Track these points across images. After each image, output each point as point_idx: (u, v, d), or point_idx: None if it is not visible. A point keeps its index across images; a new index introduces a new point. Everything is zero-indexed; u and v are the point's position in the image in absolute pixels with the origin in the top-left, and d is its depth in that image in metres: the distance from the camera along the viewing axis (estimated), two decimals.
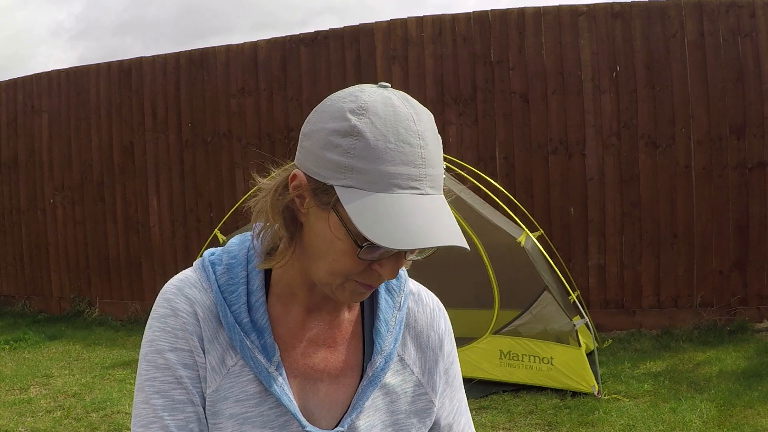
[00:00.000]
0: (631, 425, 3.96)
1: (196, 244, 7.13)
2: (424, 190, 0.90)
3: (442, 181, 0.94)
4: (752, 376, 4.59)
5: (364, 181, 0.88)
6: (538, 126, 6.29)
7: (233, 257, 1.02)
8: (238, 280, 1.00)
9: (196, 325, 0.98)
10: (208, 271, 1.02)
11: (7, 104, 8.24)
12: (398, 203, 0.87)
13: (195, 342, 0.97)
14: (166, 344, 0.97)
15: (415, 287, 1.14)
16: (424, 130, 0.91)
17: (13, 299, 8.28)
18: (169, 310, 1.00)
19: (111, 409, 4.59)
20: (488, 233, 4.77)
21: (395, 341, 1.05)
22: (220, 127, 7.26)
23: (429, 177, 0.90)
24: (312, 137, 0.92)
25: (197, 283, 1.02)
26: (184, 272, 1.05)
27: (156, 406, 0.96)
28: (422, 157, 0.90)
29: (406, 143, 0.89)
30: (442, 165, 0.95)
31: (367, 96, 0.92)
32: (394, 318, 1.06)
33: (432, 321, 1.11)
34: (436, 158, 0.92)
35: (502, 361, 4.64)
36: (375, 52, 6.71)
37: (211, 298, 0.99)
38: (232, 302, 0.99)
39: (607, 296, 6.21)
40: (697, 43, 5.93)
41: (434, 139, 0.93)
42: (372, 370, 1.03)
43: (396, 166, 0.88)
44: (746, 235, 5.91)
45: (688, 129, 5.99)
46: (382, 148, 0.88)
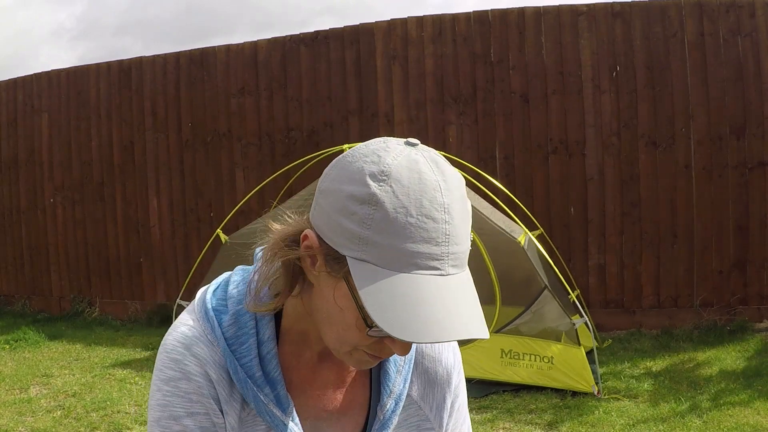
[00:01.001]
0: (631, 425, 3.96)
1: (196, 244, 7.13)
2: (446, 270, 0.82)
3: (467, 257, 0.86)
4: (752, 376, 4.59)
5: (379, 256, 0.81)
6: (538, 126, 6.29)
7: (239, 302, 0.95)
8: (248, 331, 0.94)
9: (211, 387, 0.92)
10: (213, 324, 0.94)
11: (7, 104, 8.24)
12: (415, 286, 0.80)
13: (212, 404, 0.92)
14: (181, 410, 0.92)
15: None
16: (451, 202, 0.83)
17: (13, 299, 8.28)
18: (180, 373, 0.92)
19: (111, 408, 4.59)
20: (488, 232, 4.77)
21: (405, 381, 1.02)
22: (220, 127, 7.26)
23: (452, 255, 0.83)
24: (328, 197, 0.85)
25: (203, 337, 0.94)
26: (186, 322, 0.96)
27: None
28: (446, 234, 0.82)
29: (430, 218, 0.81)
30: (469, 238, 0.87)
31: (391, 158, 0.83)
32: (403, 358, 1.03)
33: (440, 356, 1.08)
34: (462, 233, 0.84)
35: (503, 359, 4.64)
36: (375, 52, 6.71)
37: (219, 353, 0.93)
38: (242, 355, 0.93)
39: (607, 296, 6.21)
40: (697, 43, 5.93)
41: (462, 210, 0.85)
42: (383, 413, 1.00)
43: (416, 243, 0.81)
44: (746, 235, 5.91)
45: (688, 129, 5.99)
46: (402, 222, 0.81)
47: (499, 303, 4.73)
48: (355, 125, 6.75)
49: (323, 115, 6.88)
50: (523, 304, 4.67)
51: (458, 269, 0.84)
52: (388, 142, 0.87)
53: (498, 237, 4.75)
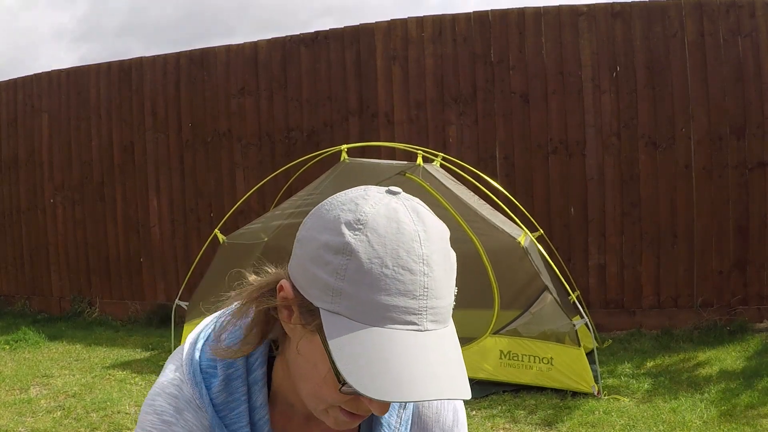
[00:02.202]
0: (631, 425, 3.96)
1: (196, 244, 7.13)
2: (423, 325, 0.78)
3: (449, 312, 0.82)
4: (752, 376, 4.59)
5: (352, 309, 0.77)
6: (538, 126, 6.29)
7: (229, 365, 0.90)
8: (239, 397, 0.89)
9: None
10: (202, 389, 0.89)
11: (7, 104, 8.24)
12: (388, 342, 0.76)
13: None
14: None
15: None
16: (431, 253, 0.80)
17: (13, 299, 8.28)
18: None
19: (111, 409, 4.59)
20: (488, 233, 4.77)
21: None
22: (220, 127, 7.26)
23: (431, 310, 0.79)
24: (304, 246, 0.82)
25: (192, 401, 0.90)
26: (174, 382, 0.91)
27: None
28: (424, 287, 0.78)
29: (407, 269, 0.77)
30: (453, 292, 0.83)
31: (369, 206, 0.80)
32: (399, 419, 0.98)
33: (438, 416, 1.02)
34: (443, 287, 0.81)
35: (502, 361, 4.63)
36: (375, 52, 6.71)
37: (207, 418, 0.89)
38: (233, 421, 0.89)
39: (607, 296, 6.21)
40: (697, 43, 5.93)
41: (443, 262, 0.81)
42: None
43: (391, 296, 0.77)
44: (746, 235, 5.91)
45: (688, 129, 5.99)
46: (377, 273, 0.77)
47: (498, 305, 4.73)
48: (355, 125, 6.75)
49: (323, 115, 6.88)
50: (523, 305, 4.67)
51: (438, 325, 0.79)
52: (368, 190, 0.83)
53: (498, 238, 4.75)
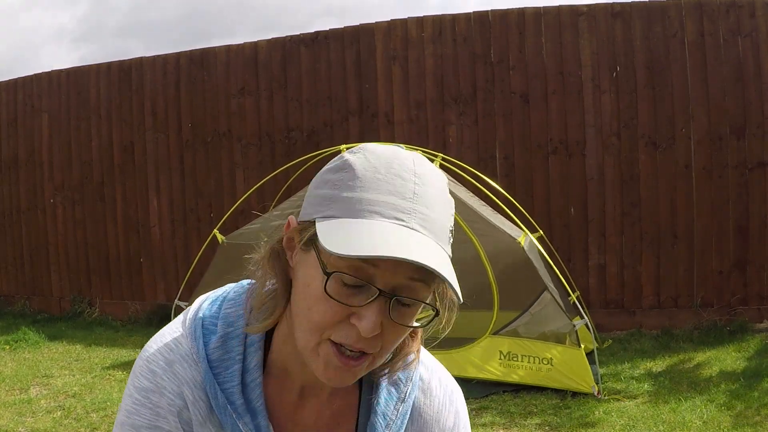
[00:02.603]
0: (631, 425, 3.96)
1: (196, 244, 7.12)
2: (411, 224, 0.79)
3: (444, 234, 0.83)
4: (752, 376, 4.59)
5: (344, 209, 0.80)
6: (538, 126, 6.29)
7: (230, 325, 0.91)
8: (234, 356, 0.90)
9: (184, 408, 0.89)
10: (199, 344, 0.90)
11: (7, 104, 8.24)
12: (372, 226, 0.78)
13: (177, 425, 0.88)
14: (145, 421, 0.89)
15: (428, 373, 1.02)
16: (424, 174, 0.83)
17: (13, 299, 8.28)
18: (154, 386, 0.89)
19: (111, 409, 4.59)
20: (487, 234, 4.77)
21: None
22: (220, 127, 7.26)
23: (419, 214, 0.80)
24: (311, 183, 0.88)
25: (188, 356, 0.90)
26: (173, 334, 0.93)
27: None
28: (414, 192, 0.81)
29: (398, 176, 0.81)
30: (447, 220, 0.84)
31: (372, 144, 0.87)
32: (396, 411, 0.97)
33: (438, 416, 1.01)
34: (434, 202, 0.82)
35: (502, 361, 4.63)
36: (375, 52, 6.71)
37: (201, 374, 0.90)
38: (225, 380, 0.89)
39: (607, 296, 6.21)
40: (697, 43, 5.92)
41: (438, 191, 0.83)
42: None
43: (381, 194, 0.80)
44: (746, 235, 5.91)
45: (688, 129, 5.99)
46: (370, 177, 0.81)
47: (498, 305, 4.73)
48: (355, 125, 6.75)
49: (323, 115, 6.87)
50: (523, 306, 4.66)
51: (428, 232, 0.80)
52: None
53: (498, 238, 4.75)
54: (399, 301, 0.82)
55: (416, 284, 0.82)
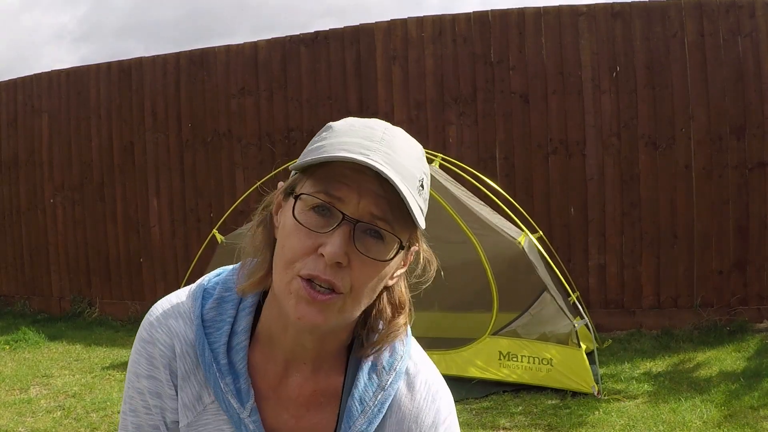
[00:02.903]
0: (631, 425, 3.96)
1: (196, 244, 7.12)
2: (373, 158, 0.84)
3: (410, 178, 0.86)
4: (752, 376, 4.59)
5: (319, 152, 0.87)
6: (538, 126, 6.29)
7: (227, 290, 0.98)
8: (225, 318, 0.95)
9: (172, 359, 0.95)
10: (197, 303, 0.97)
11: (7, 104, 8.24)
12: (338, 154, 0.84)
13: (167, 376, 0.95)
14: (142, 370, 0.96)
15: (415, 369, 1.02)
16: (394, 130, 0.90)
17: (13, 299, 8.28)
18: (149, 337, 0.97)
19: (111, 409, 4.59)
20: (487, 234, 4.77)
21: (369, 423, 0.96)
22: (220, 127, 7.26)
23: (385, 153, 0.85)
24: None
25: (185, 313, 0.97)
26: (180, 294, 1.00)
27: (129, 422, 0.98)
28: (382, 139, 0.87)
29: (369, 128, 0.89)
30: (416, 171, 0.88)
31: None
32: (374, 398, 0.97)
33: (418, 413, 0.99)
34: (401, 151, 0.87)
35: (501, 362, 4.63)
36: (375, 52, 6.71)
37: (193, 331, 0.96)
38: (214, 340, 0.94)
39: (607, 296, 6.21)
40: (697, 43, 5.93)
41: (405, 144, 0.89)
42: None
43: (350, 137, 0.87)
44: (746, 235, 5.91)
45: (688, 129, 5.99)
46: (345, 129, 0.89)
47: (497, 306, 4.73)
48: None
49: (323, 115, 6.87)
50: (523, 306, 4.66)
51: (391, 169, 0.84)
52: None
53: (497, 239, 4.75)
54: (364, 231, 0.85)
55: (380, 222, 0.86)
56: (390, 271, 0.90)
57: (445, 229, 4.78)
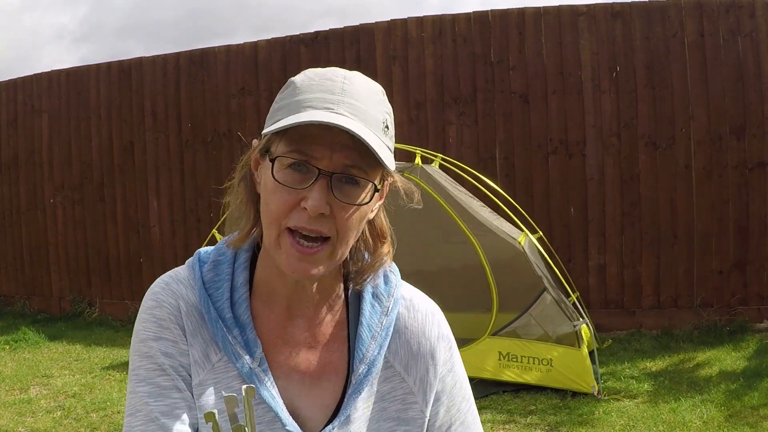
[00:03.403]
0: (631, 425, 3.96)
1: (196, 244, 7.12)
2: (339, 111, 0.89)
3: (375, 124, 0.91)
4: (752, 376, 4.59)
5: (286, 112, 0.90)
6: (538, 126, 6.29)
7: (221, 254, 1.03)
8: (223, 277, 1.00)
9: (179, 317, 0.98)
10: (195, 269, 1.02)
11: (7, 104, 8.24)
12: (306, 113, 0.88)
13: (179, 332, 0.98)
14: (150, 333, 0.98)
15: (409, 293, 1.09)
16: (354, 77, 0.93)
17: (13, 299, 8.28)
18: (155, 302, 1.00)
19: (111, 409, 4.59)
20: (487, 234, 4.77)
21: (380, 347, 1.01)
22: (220, 127, 7.26)
23: (347, 104, 0.89)
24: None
25: (185, 280, 1.02)
26: (176, 269, 1.06)
27: (141, 394, 0.96)
28: (343, 89, 0.91)
29: (329, 80, 0.92)
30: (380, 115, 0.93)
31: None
32: (380, 324, 1.02)
33: (423, 327, 1.06)
34: (363, 98, 0.91)
35: (501, 362, 4.63)
36: (375, 52, 6.71)
37: (196, 294, 1.00)
38: (216, 299, 0.99)
39: (607, 296, 6.20)
40: (697, 43, 5.92)
41: (366, 90, 0.93)
42: (355, 377, 0.99)
43: (312, 93, 0.90)
44: (746, 235, 5.91)
45: (688, 129, 5.99)
46: (306, 85, 0.92)
47: (497, 306, 4.73)
48: None
49: None
50: (522, 306, 4.66)
51: (355, 118, 0.89)
52: None
53: (497, 239, 4.75)
54: (339, 180, 0.90)
55: (353, 170, 0.91)
56: (369, 208, 0.96)
57: (445, 230, 4.78)
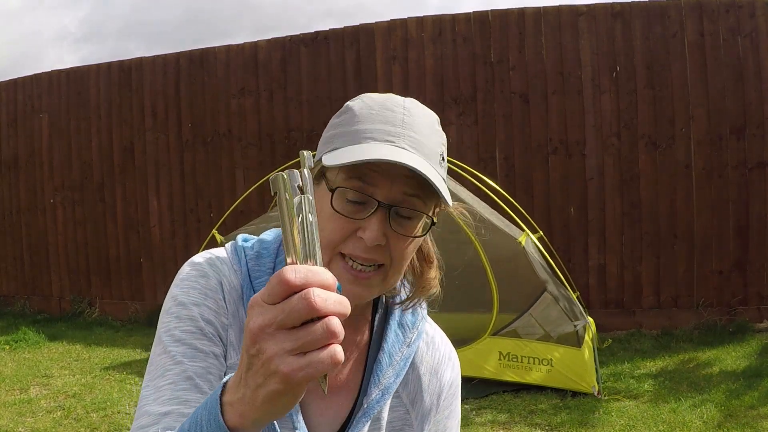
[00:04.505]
0: (631, 425, 3.96)
1: (196, 244, 7.12)
2: (401, 144, 0.89)
3: (433, 156, 0.92)
4: (752, 376, 4.59)
5: (345, 140, 0.91)
6: (538, 126, 6.29)
7: (265, 247, 1.03)
8: (265, 270, 1.00)
9: (222, 292, 0.97)
10: (240, 255, 1.01)
11: (7, 104, 8.24)
12: (368, 145, 0.89)
13: (222, 304, 0.96)
14: (193, 299, 0.95)
15: (432, 330, 1.11)
16: (413, 107, 0.94)
17: (13, 299, 8.28)
18: (199, 272, 0.98)
19: (111, 409, 4.59)
20: (487, 234, 4.76)
21: (396, 376, 1.03)
22: (220, 127, 7.26)
23: (408, 137, 0.90)
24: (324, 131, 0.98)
25: (228, 262, 1.01)
26: (214, 250, 1.04)
27: (174, 353, 0.91)
28: (403, 122, 0.92)
29: (389, 110, 0.93)
30: (437, 147, 0.94)
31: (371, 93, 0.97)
32: (400, 353, 1.04)
33: (438, 366, 1.09)
34: (423, 129, 0.92)
35: (501, 362, 4.63)
36: (375, 52, 6.71)
37: (238, 279, 0.99)
38: (257, 287, 0.99)
39: (607, 296, 6.20)
40: (697, 43, 5.92)
41: (426, 120, 0.94)
42: (367, 401, 1.00)
43: (374, 124, 0.91)
44: (746, 235, 5.91)
45: (688, 129, 5.99)
46: (366, 114, 0.93)
47: (497, 306, 4.73)
48: None
49: (323, 116, 6.87)
50: (523, 306, 4.66)
51: (416, 151, 0.90)
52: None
53: (498, 238, 4.74)
54: (398, 212, 0.91)
55: (412, 199, 0.92)
56: (423, 239, 0.99)
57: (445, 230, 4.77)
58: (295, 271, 0.61)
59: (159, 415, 0.86)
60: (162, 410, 0.87)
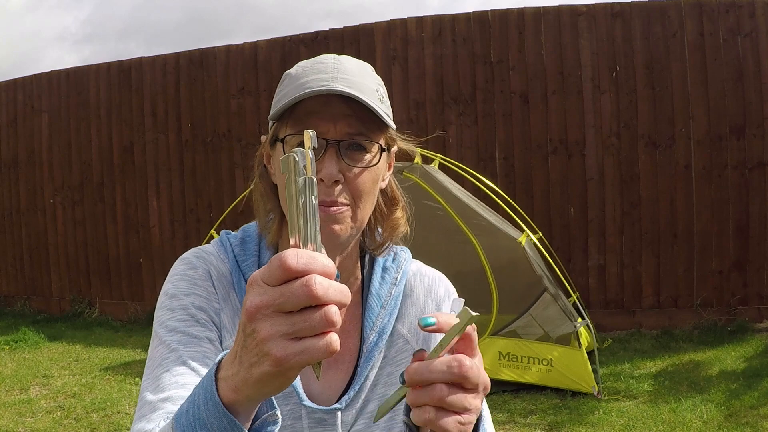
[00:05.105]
0: (631, 425, 3.96)
1: (196, 244, 7.08)
2: (334, 85, 0.92)
3: (370, 93, 0.96)
4: (752, 376, 4.59)
5: (285, 98, 0.95)
6: (538, 126, 6.29)
7: (247, 235, 1.08)
8: (250, 253, 1.05)
9: (212, 280, 1.02)
10: (225, 244, 1.06)
11: (7, 104, 8.24)
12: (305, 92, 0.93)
13: (212, 290, 1.01)
14: (183, 290, 1.01)
15: (416, 266, 1.14)
16: (343, 57, 0.99)
17: (13, 299, 8.28)
18: (187, 265, 1.04)
19: (111, 409, 4.59)
20: (487, 234, 4.77)
21: (389, 315, 1.06)
22: (220, 127, 7.26)
23: (342, 79, 0.94)
24: None
25: (214, 253, 1.05)
26: (200, 247, 1.09)
27: (170, 341, 0.95)
28: (335, 68, 0.96)
29: (320, 63, 0.98)
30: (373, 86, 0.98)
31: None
32: (388, 293, 1.07)
33: (430, 288, 1.12)
34: (355, 72, 0.97)
35: (501, 362, 4.63)
36: (375, 52, 6.71)
37: (226, 266, 1.04)
38: (246, 270, 1.03)
39: (607, 296, 6.20)
40: (697, 43, 5.92)
41: (357, 65, 0.99)
42: (366, 346, 1.03)
43: (308, 76, 0.96)
44: (746, 235, 5.91)
45: (688, 129, 5.99)
46: (300, 72, 0.98)
47: (497, 306, 4.73)
48: None
49: None
50: (522, 307, 4.66)
51: (350, 88, 0.93)
52: None
53: (497, 238, 4.74)
54: (347, 148, 0.95)
55: (358, 136, 0.95)
56: (380, 173, 1.00)
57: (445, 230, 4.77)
58: (298, 256, 0.60)
59: (159, 401, 0.88)
60: (161, 396, 0.88)
